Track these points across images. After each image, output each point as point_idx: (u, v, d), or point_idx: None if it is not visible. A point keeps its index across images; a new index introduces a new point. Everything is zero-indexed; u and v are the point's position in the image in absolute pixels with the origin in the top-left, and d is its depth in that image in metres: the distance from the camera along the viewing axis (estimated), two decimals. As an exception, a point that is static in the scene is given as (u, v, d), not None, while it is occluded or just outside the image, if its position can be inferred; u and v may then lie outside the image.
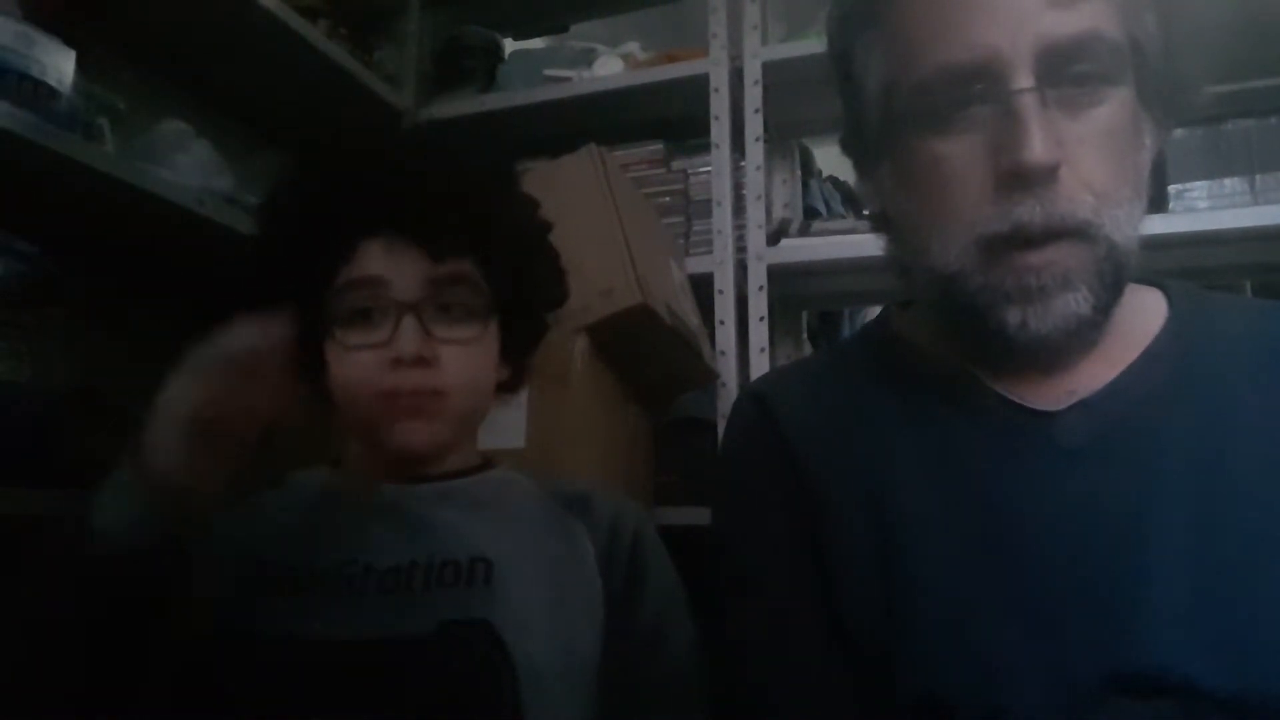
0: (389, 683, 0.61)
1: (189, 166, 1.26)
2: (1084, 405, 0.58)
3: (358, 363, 0.68)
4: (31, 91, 0.98)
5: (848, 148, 0.67)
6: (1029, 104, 0.52)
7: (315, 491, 0.75)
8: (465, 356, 0.71)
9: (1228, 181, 1.33)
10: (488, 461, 0.80)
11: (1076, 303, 0.54)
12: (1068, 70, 0.53)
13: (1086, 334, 0.58)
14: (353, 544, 0.68)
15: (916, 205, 0.59)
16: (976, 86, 0.54)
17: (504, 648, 0.62)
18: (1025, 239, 0.54)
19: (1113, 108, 0.54)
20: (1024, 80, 0.53)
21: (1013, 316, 0.55)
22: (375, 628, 0.63)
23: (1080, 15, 0.53)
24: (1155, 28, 0.56)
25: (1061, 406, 0.59)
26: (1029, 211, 0.53)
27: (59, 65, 1.02)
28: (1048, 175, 0.53)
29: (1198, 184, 1.34)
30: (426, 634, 0.63)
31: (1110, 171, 0.54)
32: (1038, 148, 0.52)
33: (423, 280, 0.68)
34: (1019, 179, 0.53)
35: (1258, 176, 1.32)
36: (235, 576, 0.67)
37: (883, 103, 0.59)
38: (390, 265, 0.68)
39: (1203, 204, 1.34)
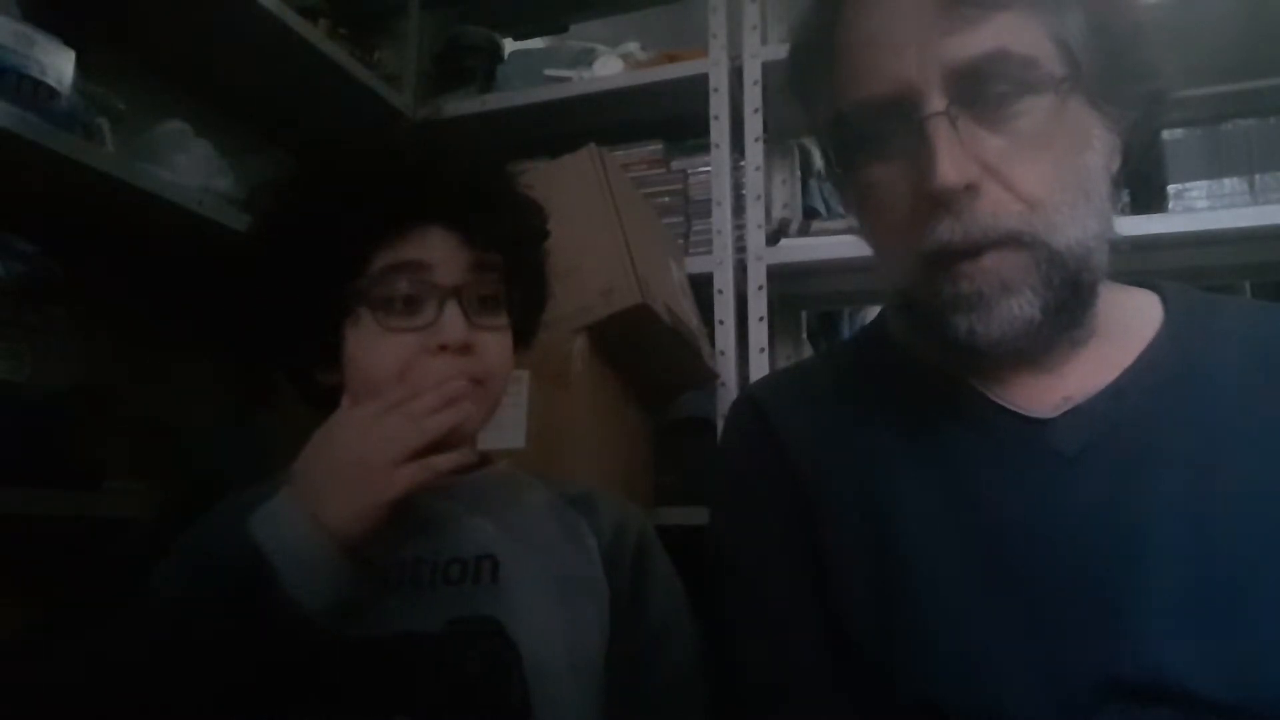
0: (398, 680, 0.61)
1: (189, 166, 1.26)
2: (1079, 412, 0.58)
3: (395, 346, 0.67)
4: (31, 91, 0.98)
5: (828, 176, 0.69)
6: (936, 128, 0.54)
7: None
8: (500, 344, 0.71)
9: (1227, 181, 1.33)
10: (485, 458, 0.80)
11: (1020, 307, 0.55)
12: (981, 89, 0.54)
13: (1053, 332, 0.58)
14: None
15: (868, 227, 0.63)
16: (894, 116, 0.56)
17: (513, 645, 0.62)
18: (953, 255, 0.55)
19: (1038, 116, 0.55)
20: (934, 105, 0.54)
21: (960, 324, 0.56)
22: (383, 624, 0.62)
23: (983, 36, 0.54)
24: (1083, 29, 0.56)
25: (1056, 413, 0.59)
26: (949, 230, 0.55)
27: (59, 65, 1.02)
28: (964, 194, 0.54)
29: (1197, 184, 1.34)
30: (436, 631, 0.62)
31: (1042, 178, 0.55)
32: (946, 171, 0.53)
33: (464, 266, 0.69)
34: (936, 202, 0.54)
35: (1257, 176, 1.32)
36: None
37: (830, 136, 0.62)
38: (435, 251, 0.68)
39: (1202, 204, 1.34)
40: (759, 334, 1.47)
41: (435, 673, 0.61)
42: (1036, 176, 0.55)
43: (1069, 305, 0.57)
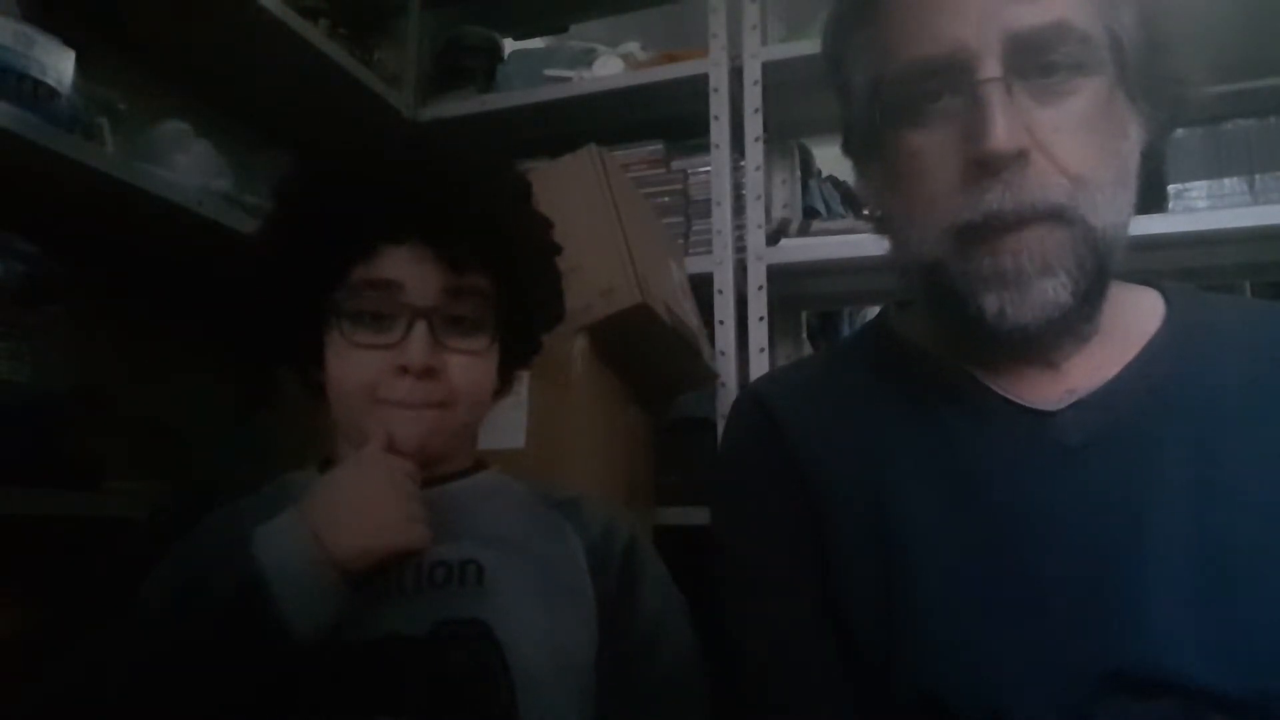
0: (384, 682, 0.60)
1: (189, 166, 1.26)
2: (1082, 405, 0.58)
3: (362, 362, 0.67)
4: (31, 91, 0.98)
5: (847, 148, 0.68)
6: (992, 93, 0.53)
7: (296, 496, 0.71)
8: (472, 368, 0.70)
9: (1227, 181, 1.33)
10: (480, 463, 0.79)
11: (1055, 290, 0.55)
12: (1037, 60, 0.54)
13: (1072, 324, 0.58)
14: None
15: (899, 197, 0.61)
16: (946, 78, 0.56)
17: (500, 648, 0.62)
18: (998, 225, 0.54)
19: (1087, 96, 0.55)
20: (990, 71, 0.54)
21: (990, 304, 0.55)
22: (368, 627, 0.62)
23: (1046, 7, 0.54)
24: (1134, 22, 0.56)
25: (1060, 406, 0.59)
26: (998, 198, 0.54)
27: (59, 65, 1.02)
28: (1014, 161, 0.53)
29: (1197, 184, 1.34)
30: (422, 634, 0.62)
31: (1087, 156, 0.55)
32: (1000, 135, 0.52)
33: (439, 289, 0.68)
34: (986, 166, 0.54)
35: (1257, 176, 1.32)
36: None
37: (868, 100, 0.61)
38: (409, 271, 0.67)
39: (1202, 204, 1.34)
40: (759, 334, 1.47)
41: (422, 674, 0.61)
42: (1082, 154, 0.55)
43: (1091, 294, 0.57)
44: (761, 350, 1.46)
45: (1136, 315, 0.63)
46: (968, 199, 0.55)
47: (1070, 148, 0.54)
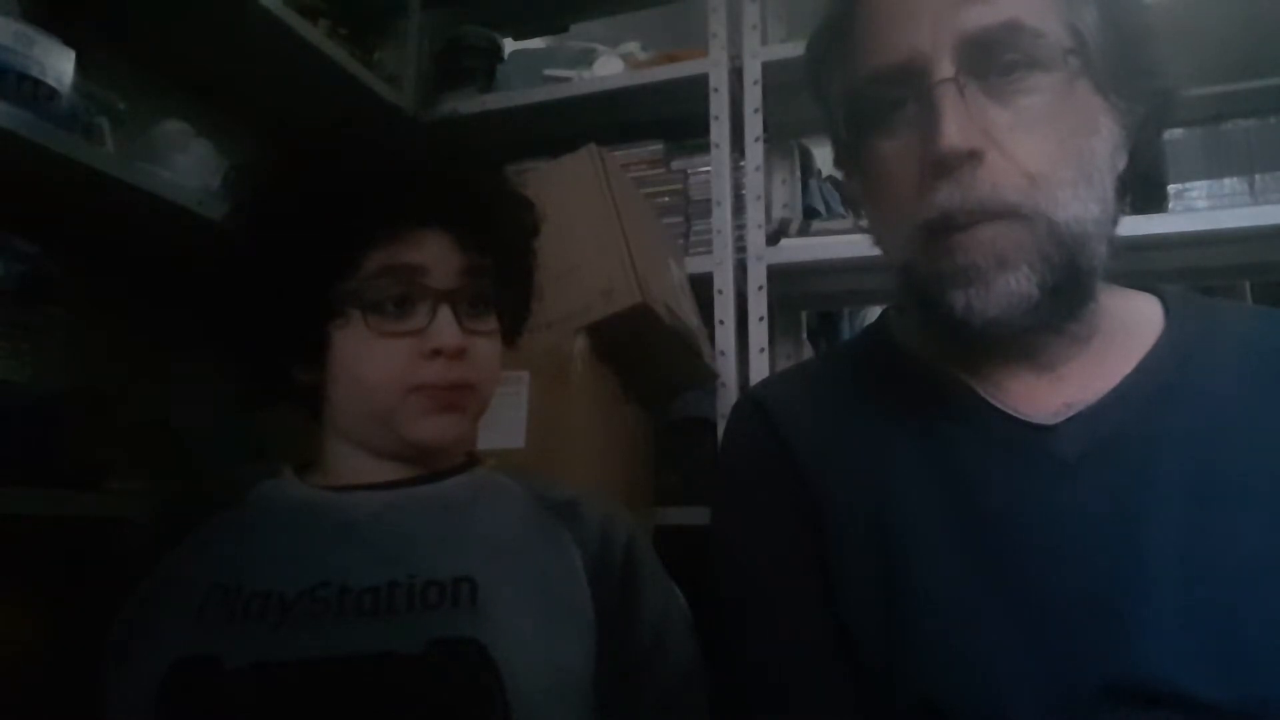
0: (374, 701, 0.58)
1: (189, 166, 1.26)
2: (1080, 418, 0.58)
3: (388, 351, 0.67)
4: (31, 91, 0.98)
5: (835, 161, 0.70)
6: (944, 94, 0.54)
7: (281, 508, 0.71)
8: (490, 348, 0.71)
9: (1227, 181, 1.33)
10: (473, 457, 0.78)
11: (1017, 282, 0.55)
12: (991, 60, 0.55)
13: (1056, 322, 0.58)
14: (325, 565, 0.64)
15: (875, 203, 0.63)
16: (907, 85, 0.57)
17: (495, 667, 0.60)
18: (953, 224, 0.55)
19: (1045, 93, 0.55)
20: (943, 73, 0.55)
21: (957, 299, 0.56)
22: (357, 647, 0.60)
23: (997, 8, 0.55)
24: (1098, 17, 0.57)
25: (1058, 420, 0.59)
26: (950, 197, 0.55)
27: (59, 65, 1.02)
28: (967, 161, 0.54)
29: (1197, 184, 1.34)
30: (414, 653, 0.60)
31: (1047, 154, 0.55)
32: (951, 135, 0.54)
33: (457, 270, 0.69)
34: (940, 167, 0.55)
35: (1257, 176, 1.32)
36: (197, 607, 0.63)
37: (842, 109, 0.62)
38: (430, 253, 0.67)
39: (1202, 204, 1.34)
40: (759, 334, 1.47)
41: (415, 693, 0.59)
42: (1040, 152, 0.55)
43: (1066, 290, 0.57)
44: (761, 350, 1.46)
45: (1135, 322, 0.63)
46: (927, 199, 0.56)
47: (1027, 145, 0.55)
